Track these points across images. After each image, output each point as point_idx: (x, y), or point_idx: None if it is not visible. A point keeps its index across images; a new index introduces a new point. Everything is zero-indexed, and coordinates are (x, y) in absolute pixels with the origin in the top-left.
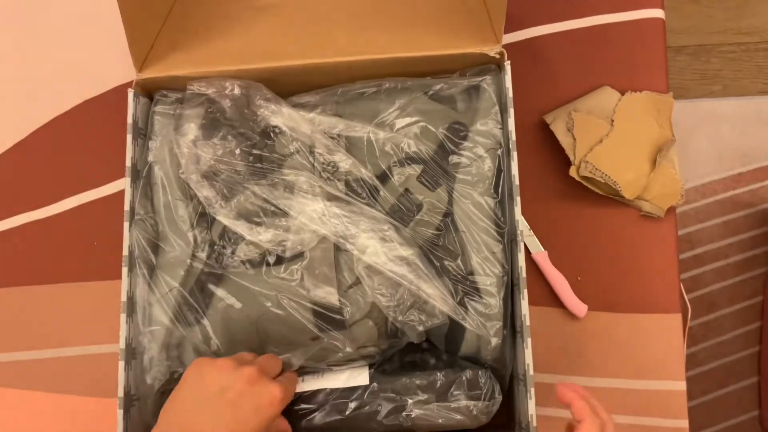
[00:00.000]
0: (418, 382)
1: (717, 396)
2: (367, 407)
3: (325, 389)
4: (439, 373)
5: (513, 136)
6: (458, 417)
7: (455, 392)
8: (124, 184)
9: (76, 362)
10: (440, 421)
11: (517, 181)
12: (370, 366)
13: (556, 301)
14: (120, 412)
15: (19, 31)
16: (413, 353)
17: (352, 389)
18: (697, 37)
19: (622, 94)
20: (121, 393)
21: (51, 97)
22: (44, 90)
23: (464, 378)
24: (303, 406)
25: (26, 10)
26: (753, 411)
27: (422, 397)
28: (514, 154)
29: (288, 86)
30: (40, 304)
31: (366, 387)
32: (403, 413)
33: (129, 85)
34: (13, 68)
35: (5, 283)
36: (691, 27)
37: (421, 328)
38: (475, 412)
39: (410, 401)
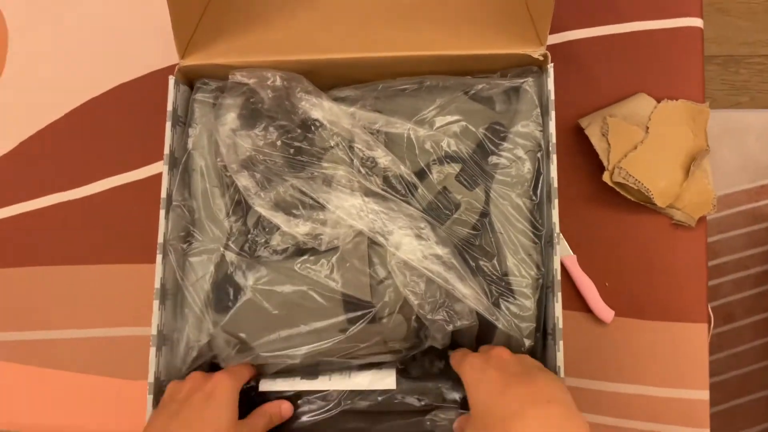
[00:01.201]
0: (445, 388)
1: (731, 406)
2: (391, 406)
3: (349, 390)
4: None
5: (553, 139)
6: None
7: None
8: (156, 169)
9: (100, 343)
10: None
11: (555, 184)
12: (397, 370)
13: (584, 306)
14: (150, 398)
15: (59, 13)
16: (439, 360)
17: (378, 390)
18: (726, 47)
19: (658, 101)
20: (151, 378)
21: (87, 78)
22: (80, 71)
23: None
24: (323, 404)
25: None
26: (765, 423)
27: (449, 404)
28: (554, 157)
29: (328, 79)
30: (66, 284)
31: (391, 390)
32: (427, 418)
33: (163, 71)
34: (52, 49)
35: (33, 261)
36: (721, 37)
37: (450, 328)
38: None
39: (436, 407)
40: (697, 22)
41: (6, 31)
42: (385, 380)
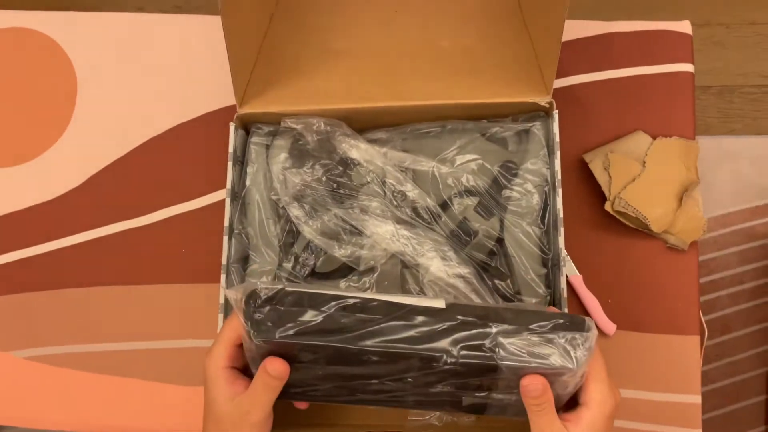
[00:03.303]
0: (505, 307)
1: (727, 411)
2: (439, 327)
3: (394, 302)
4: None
5: (559, 176)
6: (554, 353)
7: (551, 328)
8: (209, 199)
9: (168, 354)
10: (530, 358)
11: (561, 214)
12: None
13: None
14: None
15: (122, 62)
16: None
17: (426, 308)
18: (721, 77)
19: (654, 138)
20: None
21: (148, 120)
22: (142, 114)
23: (564, 318)
24: (363, 316)
25: (132, 46)
26: (760, 426)
27: (510, 326)
28: (559, 191)
29: (363, 123)
30: (135, 302)
31: (441, 309)
32: (486, 342)
33: (215, 112)
34: (116, 95)
35: (102, 282)
36: (716, 69)
37: None
38: (573, 354)
39: (495, 328)
40: (688, 67)
41: (75, 78)
42: (432, 301)
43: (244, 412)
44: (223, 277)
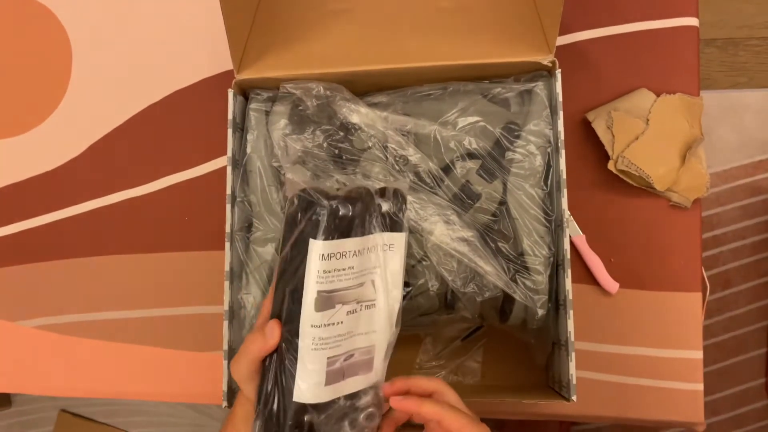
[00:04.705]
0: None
1: (728, 364)
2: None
3: None
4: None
5: (562, 136)
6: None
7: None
8: (211, 166)
9: (174, 321)
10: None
11: (564, 176)
12: None
13: (592, 280)
14: (225, 363)
15: (116, 30)
16: None
17: None
18: (726, 30)
19: (658, 95)
20: (225, 347)
21: (145, 87)
22: (139, 81)
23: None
24: None
25: (126, 12)
26: (760, 378)
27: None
28: (562, 152)
29: (363, 87)
30: (140, 270)
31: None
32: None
33: (212, 78)
34: (113, 62)
35: (110, 251)
36: (721, 21)
37: (479, 299)
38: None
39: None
40: (693, 21)
41: (70, 47)
42: None
43: None
44: (227, 245)
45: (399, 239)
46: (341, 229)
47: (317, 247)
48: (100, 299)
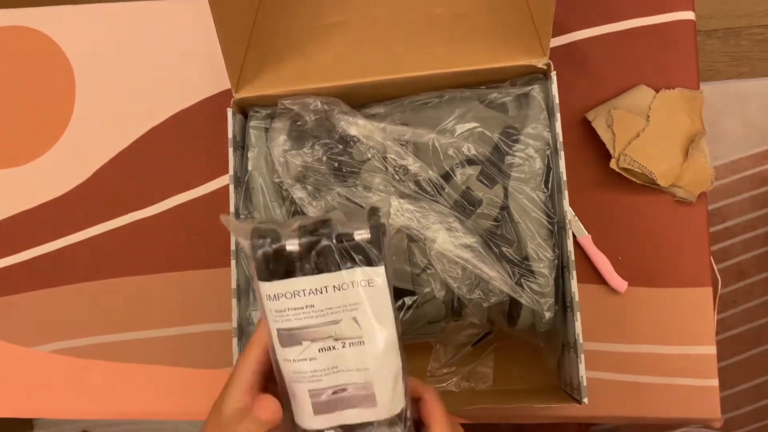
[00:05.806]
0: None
1: (745, 357)
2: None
3: None
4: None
5: (560, 138)
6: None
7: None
8: (215, 185)
9: (185, 340)
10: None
11: (564, 177)
12: None
13: (600, 279)
14: None
15: (117, 57)
16: None
17: None
18: (726, 20)
19: (657, 91)
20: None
21: (146, 110)
22: (140, 105)
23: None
24: None
25: (125, 36)
26: None
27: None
28: (561, 154)
29: (360, 99)
30: (151, 291)
31: None
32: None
33: (211, 98)
34: (114, 88)
35: (120, 273)
36: (721, 11)
37: (485, 305)
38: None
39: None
40: (689, 14)
41: (72, 74)
42: None
43: None
44: (233, 262)
45: (376, 274)
46: (289, 267)
47: (264, 288)
48: (114, 321)
